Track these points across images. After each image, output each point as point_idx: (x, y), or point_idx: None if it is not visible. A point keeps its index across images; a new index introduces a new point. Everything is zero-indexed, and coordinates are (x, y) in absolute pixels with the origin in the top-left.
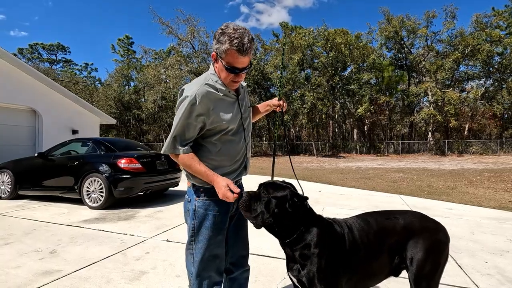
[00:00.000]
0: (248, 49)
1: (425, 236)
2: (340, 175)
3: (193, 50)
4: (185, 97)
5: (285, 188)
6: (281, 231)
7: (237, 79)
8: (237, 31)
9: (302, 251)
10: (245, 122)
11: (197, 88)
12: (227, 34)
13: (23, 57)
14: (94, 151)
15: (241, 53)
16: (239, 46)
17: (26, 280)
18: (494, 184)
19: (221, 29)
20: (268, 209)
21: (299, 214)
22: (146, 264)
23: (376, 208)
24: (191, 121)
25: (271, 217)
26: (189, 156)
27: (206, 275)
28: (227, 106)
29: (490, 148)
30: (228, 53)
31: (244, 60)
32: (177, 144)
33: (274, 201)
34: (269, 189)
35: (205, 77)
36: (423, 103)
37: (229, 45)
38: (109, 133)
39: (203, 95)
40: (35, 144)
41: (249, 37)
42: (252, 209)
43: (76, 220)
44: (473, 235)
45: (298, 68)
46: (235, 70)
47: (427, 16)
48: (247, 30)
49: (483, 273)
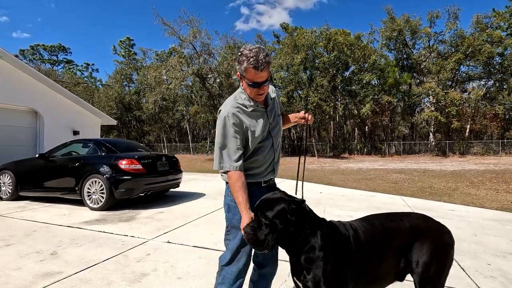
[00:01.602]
0: (263, 64)
1: (430, 238)
2: (341, 176)
3: (194, 51)
4: (221, 116)
5: (279, 201)
6: (288, 241)
7: (261, 92)
8: (252, 51)
9: (307, 255)
10: (273, 131)
11: (229, 107)
12: (244, 55)
13: (25, 58)
14: (95, 152)
15: (257, 69)
16: (255, 64)
17: (27, 282)
18: (496, 185)
19: (240, 51)
20: (274, 231)
21: (300, 218)
22: (147, 266)
23: (377, 209)
24: (230, 137)
25: (279, 236)
26: (236, 175)
27: (236, 264)
28: (257, 118)
29: (492, 149)
30: (247, 71)
31: (262, 75)
32: (226, 161)
33: (276, 221)
34: (265, 212)
35: (235, 96)
36: (424, 104)
37: (247, 64)
38: (110, 134)
39: (234, 112)
40: (36, 145)
41: (264, 54)
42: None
43: (77, 221)
44: (475, 237)
45: (302, 68)
46: (256, 84)
47: (431, 16)
48: (262, 48)
49: (486, 276)
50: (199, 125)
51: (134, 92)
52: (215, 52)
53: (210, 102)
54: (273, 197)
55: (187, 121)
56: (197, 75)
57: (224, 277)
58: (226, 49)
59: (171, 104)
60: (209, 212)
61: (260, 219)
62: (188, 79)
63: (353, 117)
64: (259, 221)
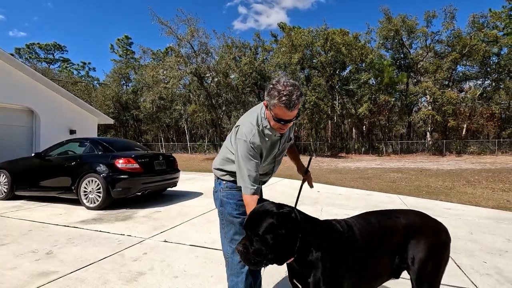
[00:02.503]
0: (295, 105)
1: (426, 235)
2: (339, 175)
3: (192, 50)
4: (242, 140)
5: (266, 215)
6: (284, 252)
7: (284, 128)
8: (286, 88)
9: (304, 256)
10: (279, 156)
11: (251, 133)
12: (277, 90)
13: (21, 57)
14: (91, 151)
15: (288, 109)
16: (287, 104)
17: (22, 282)
18: (492, 184)
19: (272, 84)
20: (266, 246)
21: (291, 228)
22: (143, 265)
23: (374, 208)
24: (253, 161)
25: (272, 250)
26: (253, 198)
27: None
28: (271, 145)
29: (488, 148)
30: (276, 107)
31: (291, 114)
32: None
33: (266, 236)
34: (254, 230)
35: (257, 119)
36: (421, 103)
37: (278, 101)
38: (107, 133)
39: (255, 139)
40: (32, 144)
41: (297, 94)
42: (255, 260)
43: (73, 220)
44: (471, 235)
45: (300, 67)
46: (281, 121)
47: (427, 16)
48: (297, 86)
49: (482, 273)
50: (197, 124)
51: (131, 91)
52: (213, 51)
53: (208, 101)
54: (260, 210)
55: (185, 121)
56: (195, 74)
57: (231, 268)
58: (224, 48)
59: (168, 104)
60: (206, 211)
61: (250, 236)
62: (186, 78)
63: (350, 116)
64: (250, 238)
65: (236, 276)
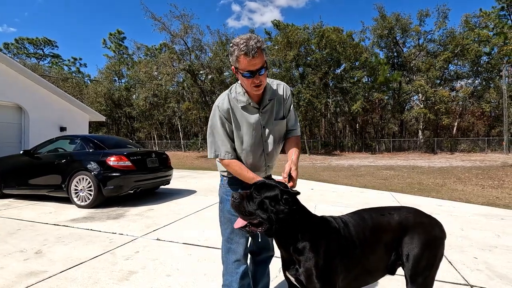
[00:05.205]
0: (255, 49)
1: (420, 231)
2: (332, 173)
3: (186, 47)
4: (214, 105)
5: (275, 187)
6: (280, 231)
7: (257, 82)
8: (242, 38)
9: (298, 248)
10: (267, 134)
11: (222, 98)
12: (235, 44)
13: (9, 52)
14: (82, 148)
15: (248, 55)
16: (245, 50)
17: (10, 282)
18: (482, 181)
19: (231, 42)
20: (261, 209)
21: (292, 209)
22: (135, 264)
23: (367, 205)
24: (220, 127)
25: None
26: (234, 162)
27: (233, 253)
28: (246, 117)
29: (478, 146)
30: (239, 60)
31: (255, 62)
32: (221, 149)
33: (266, 201)
34: (260, 190)
35: (230, 88)
36: (413, 102)
37: (238, 51)
38: (99, 131)
39: (225, 104)
40: (21, 141)
41: (255, 40)
42: (244, 209)
43: (63, 219)
44: (462, 231)
45: (294, 64)
46: (250, 73)
47: (421, 14)
48: (253, 35)
49: (473, 269)
50: (190, 122)
51: (124, 88)
52: (207, 48)
53: (201, 98)
54: (271, 183)
55: (178, 118)
56: (189, 71)
57: (226, 266)
58: (218, 45)
59: (162, 101)
60: (199, 209)
61: (253, 194)
62: (179, 75)
63: (344, 114)
64: (251, 195)
65: (230, 275)
